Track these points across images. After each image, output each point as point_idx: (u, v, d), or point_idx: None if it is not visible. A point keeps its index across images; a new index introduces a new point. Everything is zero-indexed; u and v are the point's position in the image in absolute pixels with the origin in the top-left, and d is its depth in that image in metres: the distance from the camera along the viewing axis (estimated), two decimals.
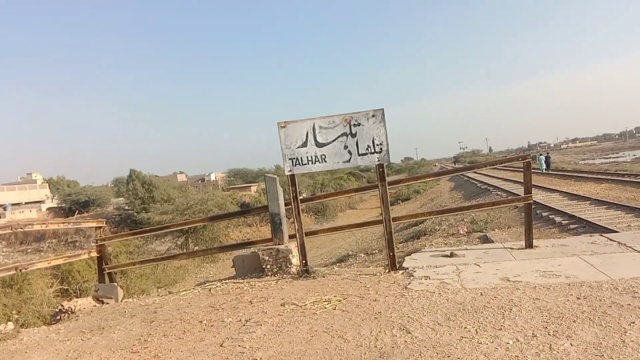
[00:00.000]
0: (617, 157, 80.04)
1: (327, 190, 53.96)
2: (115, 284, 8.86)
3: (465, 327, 4.23)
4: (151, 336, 5.09)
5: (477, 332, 4.09)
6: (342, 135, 6.89)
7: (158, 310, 6.33)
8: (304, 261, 7.30)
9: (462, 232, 15.09)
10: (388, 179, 7.04)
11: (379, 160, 6.83)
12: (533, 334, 3.95)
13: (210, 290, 7.19)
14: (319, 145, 6.95)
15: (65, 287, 20.45)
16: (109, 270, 8.99)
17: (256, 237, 32.96)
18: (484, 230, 15.12)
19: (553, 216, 15.01)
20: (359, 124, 6.82)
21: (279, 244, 7.64)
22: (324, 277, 7.02)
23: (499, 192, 26.39)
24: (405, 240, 18.87)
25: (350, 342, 4.19)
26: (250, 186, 66.17)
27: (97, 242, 8.99)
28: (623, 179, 25.45)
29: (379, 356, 3.82)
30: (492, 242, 12.40)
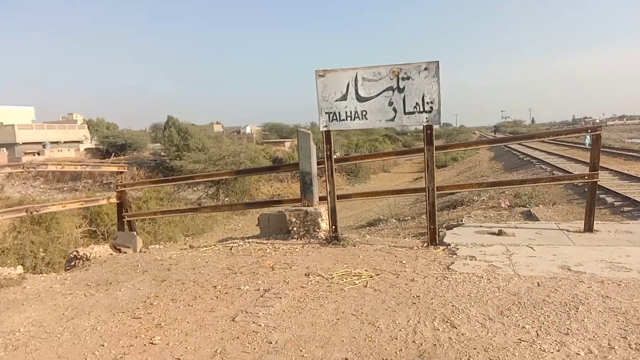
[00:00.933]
0: None
1: (361, 152, 53.05)
2: (135, 232, 8.44)
3: (523, 327, 3.51)
4: (158, 299, 4.57)
5: (537, 335, 3.37)
6: (387, 89, 6.06)
7: (172, 267, 5.83)
8: (333, 227, 6.65)
9: (503, 206, 14.17)
10: (435, 142, 6.23)
11: (427, 121, 6.00)
12: (609, 344, 3.20)
13: (231, 249, 6.65)
14: (360, 99, 6.15)
15: (94, 229, 20.61)
16: (129, 219, 8.57)
17: (287, 193, 32.56)
18: (528, 206, 14.17)
19: (604, 196, 13.89)
20: (408, 78, 5.97)
21: (308, 206, 6.99)
22: (354, 246, 6.36)
23: (542, 166, 25.04)
24: (440, 209, 18.00)
25: (383, 332, 3.53)
26: (284, 142, 65.66)
27: (117, 188, 8.54)
28: None
29: (417, 355, 3.16)
30: (537, 219, 11.48)
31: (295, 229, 6.99)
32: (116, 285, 5.18)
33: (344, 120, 6.23)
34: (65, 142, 69.32)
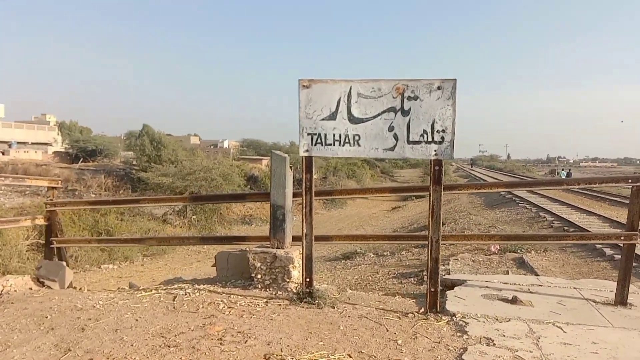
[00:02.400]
0: None
1: (340, 175, 51.86)
2: (64, 263, 6.88)
3: None
4: None
5: None
6: (388, 110, 4.75)
7: (89, 326, 4.32)
8: (308, 279, 5.22)
9: (493, 250, 12.95)
10: (436, 182, 4.92)
11: (436, 154, 4.69)
12: None
13: (174, 300, 5.17)
14: (353, 120, 4.82)
15: (43, 241, 18.66)
16: (59, 245, 7.01)
17: (260, 215, 30.93)
18: (519, 251, 13.00)
19: (600, 246, 12.81)
20: (415, 98, 4.67)
21: (277, 247, 5.57)
22: (333, 307, 4.95)
23: (527, 205, 24.16)
24: (421, 245, 16.73)
25: None
26: (262, 159, 64.16)
27: (46, 207, 6.98)
28: None
29: None
30: (533, 269, 10.24)
31: (259, 276, 5.55)
32: (4, 349, 3.67)
33: (330, 145, 4.89)
34: (33, 144, 66.55)
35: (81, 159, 56.79)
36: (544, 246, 14.02)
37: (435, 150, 4.70)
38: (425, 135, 4.70)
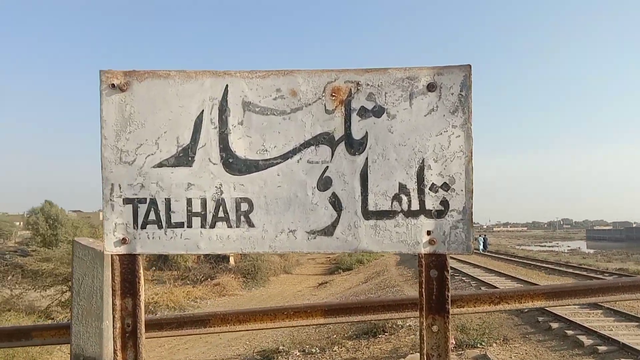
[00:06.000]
0: (551, 247, 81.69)
1: None
2: None
3: None
4: None
5: None
6: (316, 139, 2.04)
7: None
8: None
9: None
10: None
11: (433, 243, 1.99)
12: None
13: None
14: (235, 164, 2.02)
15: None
16: None
17: (166, 301, 26.34)
18: (480, 345, 10.47)
19: (572, 332, 10.59)
20: (378, 110, 2.01)
21: None
22: None
23: (464, 278, 22.22)
24: (355, 335, 13.78)
25: None
26: None
27: None
28: (589, 274, 22.13)
29: None
30: None
31: None
32: None
33: (179, 226, 2.03)
34: None
35: None
36: (503, 333, 11.70)
37: (429, 232, 1.98)
38: (404, 197, 1.98)
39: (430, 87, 2.00)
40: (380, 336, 13.10)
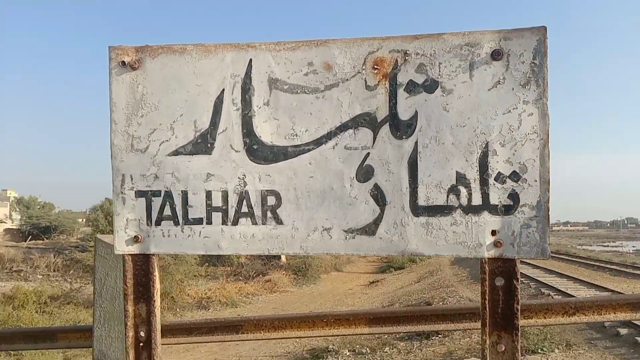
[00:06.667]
0: (615, 247, 77.46)
1: None
2: None
3: None
4: None
5: None
6: (354, 121, 1.72)
7: None
8: None
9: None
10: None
11: (499, 245, 1.64)
12: None
13: None
14: (260, 151, 1.76)
15: None
16: None
17: (220, 297, 26.78)
18: (542, 350, 9.83)
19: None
20: (430, 84, 1.67)
21: None
22: None
23: (524, 280, 21.15)
24: (407, 337, 13.31)
25: None
26: None
27: None
28: None
29: None
30: None
31: None
32: None
33: (197, 222, 1.77)
34: None
35: (30, 237, 52.36)
36: (566, 338, 10.96)
37: (494, 232, 1.62)
38: (463, 189, 1.63)
39: (496, 55, 1.63)
40: (433, 338, 12.62)
